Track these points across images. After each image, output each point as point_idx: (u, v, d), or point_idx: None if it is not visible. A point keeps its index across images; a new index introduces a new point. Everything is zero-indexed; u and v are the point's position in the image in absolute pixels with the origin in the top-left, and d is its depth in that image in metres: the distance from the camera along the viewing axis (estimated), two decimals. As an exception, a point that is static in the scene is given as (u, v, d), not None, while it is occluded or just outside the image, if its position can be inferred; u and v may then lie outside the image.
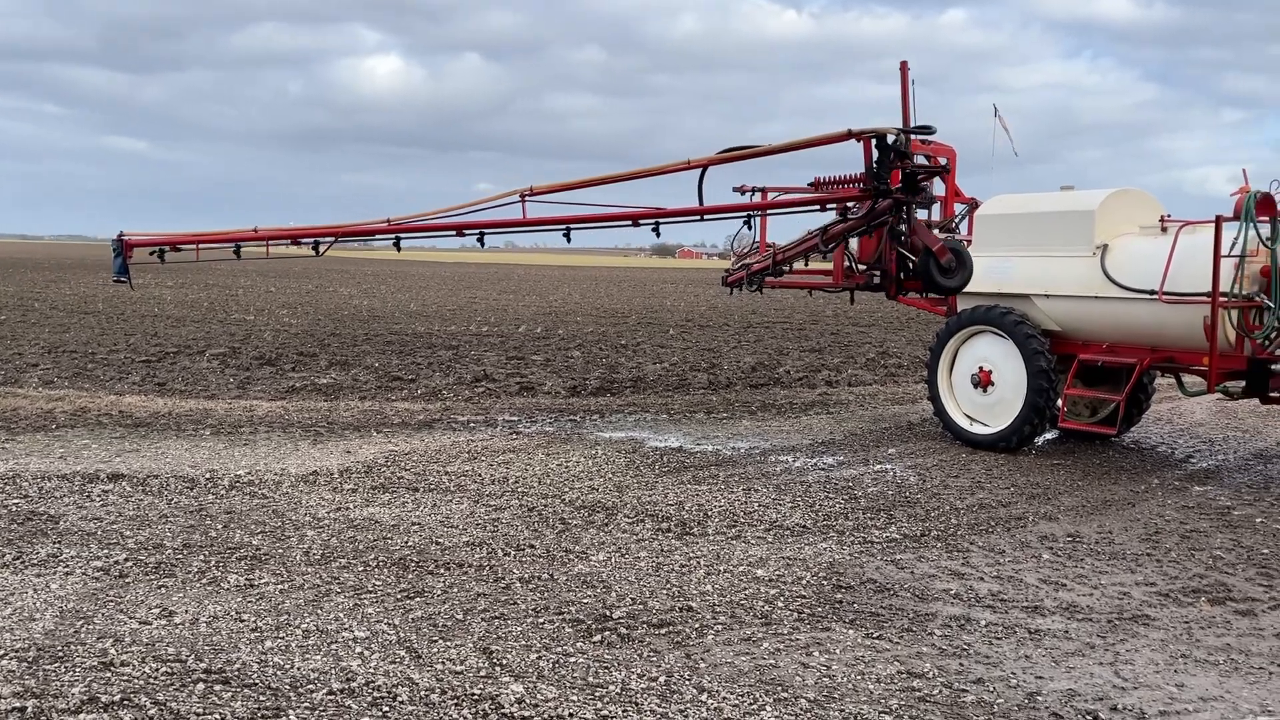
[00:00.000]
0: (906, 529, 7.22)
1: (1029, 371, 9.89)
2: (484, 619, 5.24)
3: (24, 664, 4.52)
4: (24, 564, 5.92)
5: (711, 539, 6.85)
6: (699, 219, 10.12)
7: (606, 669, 4.66)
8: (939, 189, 12.26)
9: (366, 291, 37.53)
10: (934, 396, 10.83)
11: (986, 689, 4.56)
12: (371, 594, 5.58)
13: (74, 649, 4.70)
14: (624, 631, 5.11)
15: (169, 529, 6.74)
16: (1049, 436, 10.97)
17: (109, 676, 4.42)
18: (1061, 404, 10.14)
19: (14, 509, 7.10)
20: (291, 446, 9.67)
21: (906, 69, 8.08)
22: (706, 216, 10.05)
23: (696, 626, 5.20)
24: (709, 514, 7.49)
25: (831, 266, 12.37)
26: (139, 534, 6.59)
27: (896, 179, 9.73)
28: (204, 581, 5.72)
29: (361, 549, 6.40)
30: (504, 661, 4.71)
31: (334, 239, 10.45)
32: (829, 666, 4.76)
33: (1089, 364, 10.04)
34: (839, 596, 5.74)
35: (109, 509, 7.20)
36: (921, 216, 10.52)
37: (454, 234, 10.31)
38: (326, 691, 4.33)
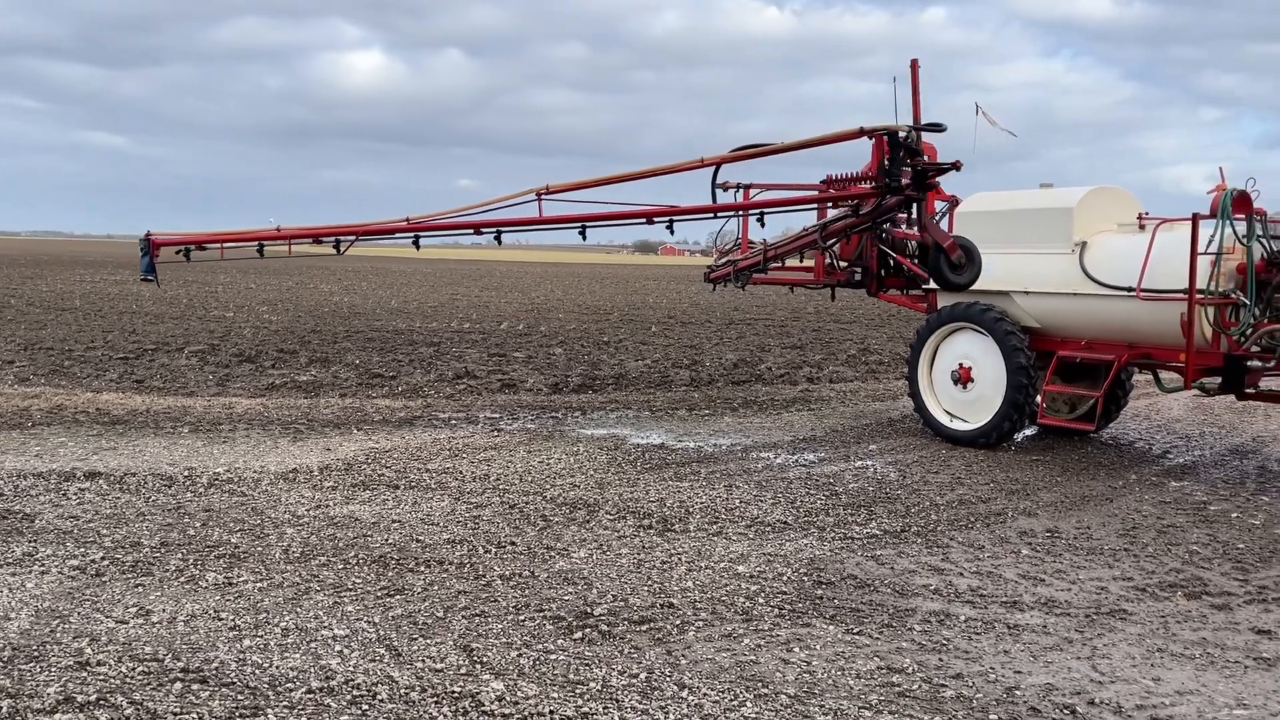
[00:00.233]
0: (887, 525, 7.25)
1: (1008, 368, 9.94)
2: (464, 617, 5.23)
3: (-2, 664, 4.47)
4: (-1, 563, 5.86)
5: (693, 535, 6.86)
6: (712, 216, 10.26)
7: (587, 666, 4.65)
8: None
9: (347, 288, 37.34)
10: (914, 393, 10.88)
11: (965, 684, 4.58)
12: (351, 592, 5.56)
13: (49, 648, 4.65)
14: (605, 629, 5.11)
15: (146, 527, 6.69)
16: (1028, 433, 11.04)
17: (85, 676, 4.38)
18: (1041, 400, 10.21)
19: (-11, 508, 7.03)
20: (271, 444, 9.61)
21: (917, 67, 8.13)
22: (720, 214, 10.18)
23: (677, 623, 5.21)
24: (690, 510, 7.50)
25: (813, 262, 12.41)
26: (116, 532, 6.54)
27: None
28: (182, 580, 5.68)
29: (341, 547, 6.37)
30: (484, 659, 4.70)
31: (355, 238, 10.56)
32: (809, 662, 4.77)
33: (1068, 360, 10.10)
34: (819, 592, 5.76)
35: (85, 507, 7.14)
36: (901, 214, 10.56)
37: (471, 232, 10.41)
38: (305, 690, 4.31)
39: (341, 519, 7.03)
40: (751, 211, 10.69)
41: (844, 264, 12.30)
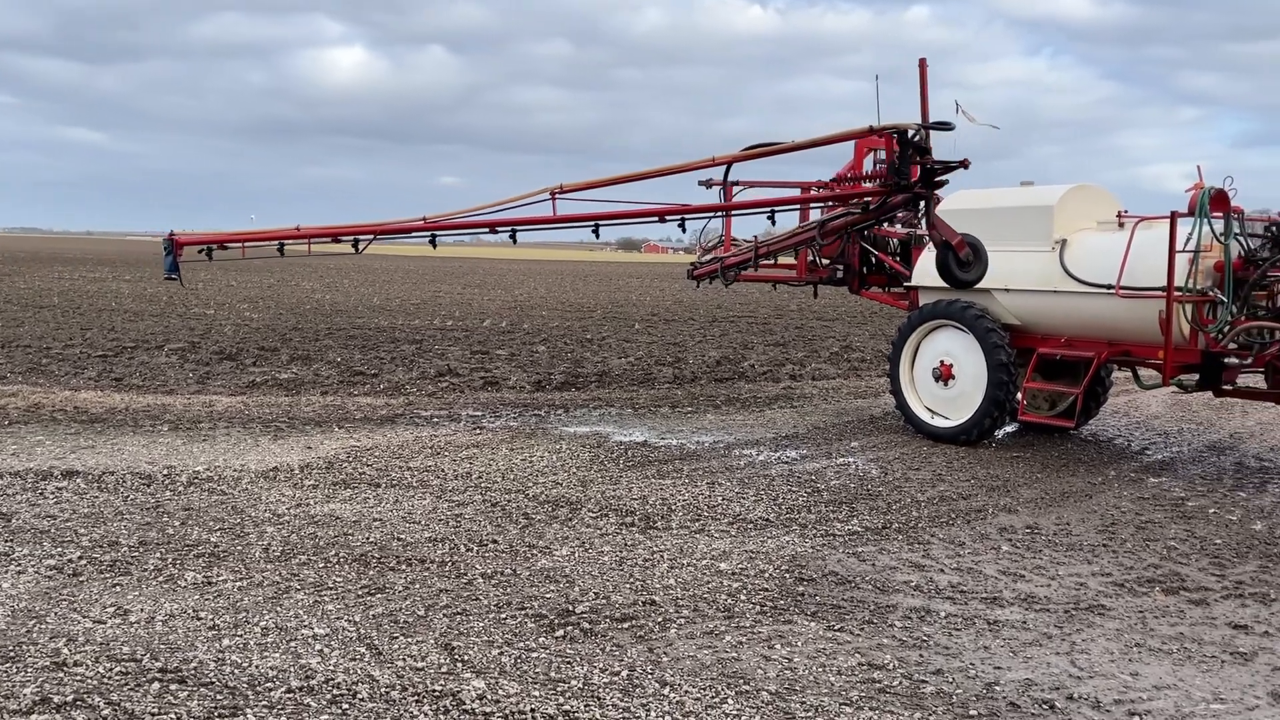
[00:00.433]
0: (868, 521, 7.28)
1: (989, 365, 9.99)
2: (445, 615, 5.21)
3: (-27, 665, 4.43)
4: (-26, 563, 5.80)
5: (675, 533, 6.86)
6: (724, 215, 10.37)
7: (569, 664, 4.65)
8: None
9: (329, 286, 37.16)
10: (896, 390, 10.92)
11: (945, 680, 4.61)
12: (332, 591, 5.53)
13: (26, 649, 4.61)
14: (587, 626, 5.10)
15: (125, 526, 6.63)
16: (1009, 429, 11.10)
17: (62, 676, 4.35)
18: (1021, 397, 10.27)
19: (-36, 507, 6.96)
20: (251, 442, 9.56)
21: (925, 66, 8.16)
22: (732, 212, 10.28)
23: (659, 620, 5.21)
24: (673, 508, 7.50)
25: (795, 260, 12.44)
26: (94, 532, 6.49)
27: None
28: (160, 579, 5.64)
29: (322, 545, 6.34)
30: (465, 658, 4.69)
31: (373, 236, 10.71)
32: (791, 659, 4.78)
33: (1048, 358, 10.16)
34: (801, 589, 5.77)
35: (63, 506, 7.08)
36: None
37: (487, 231, 10.53)
38: (285, 689, 4.29)
39: (322, 517, 7.00)
40: (774, 209, 10.70)
41: (826, 261, 12.35)
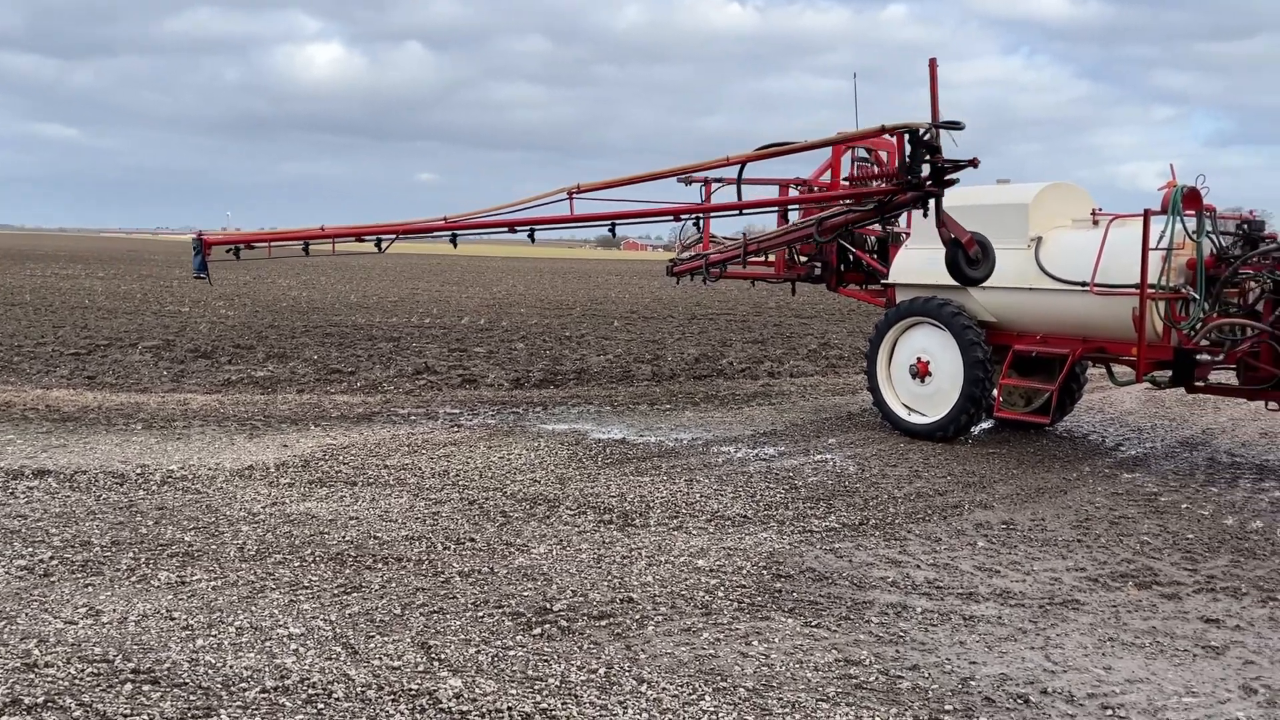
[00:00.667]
0: (845, 518, 7.31)
1: (965, 362, 10.05)
2: (422, 614, 5.19)
3: (-58, 667, 4.37)
4: (-57, 564, 5.73)
5: (653, 530, 6.86)
6: (739, 214, 10.53)
7: (546, 662, 4.64)
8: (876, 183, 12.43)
9: (306, 283, 36.92)
10: (873, 387, 10.96)
11: (921, 675, 4.63)
12: (307, 590, 5.50)
13: (-5, 651, 4.56)
14: (564, 624, 5.10)
15: (97, 526, 6.57)
16: (985, 426, 11.17)
17: (32, 678, 4.29)
18: (997, 394, 10.33)
19: (-67, 507, 6.87)
20: (226, 440, 9.48)
21: (935, 66, 8.20)
22: (745, 211, 10.43)
23: (637, 618, 5.21)
24: (651, 505, 7.50)
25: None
26: (65, 531, 6.41)
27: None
28: (133, 579, 5.58)
29: (298, 544, 6.30)
30: (442, 656, 4.67)
31: (395, 236, 10.89)
32: (768, 655, 4.79)
33: (1023, 354, 10.23)
34: (778, 586, 5.79)
35: (34, 506, 7.00)
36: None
37: (506, 230, 10.66)
38: (260, 690, 4.26)
39: (298, 516, 6.95)
40: (789, 208, 10.73)
41: (804, 259, 12.38)
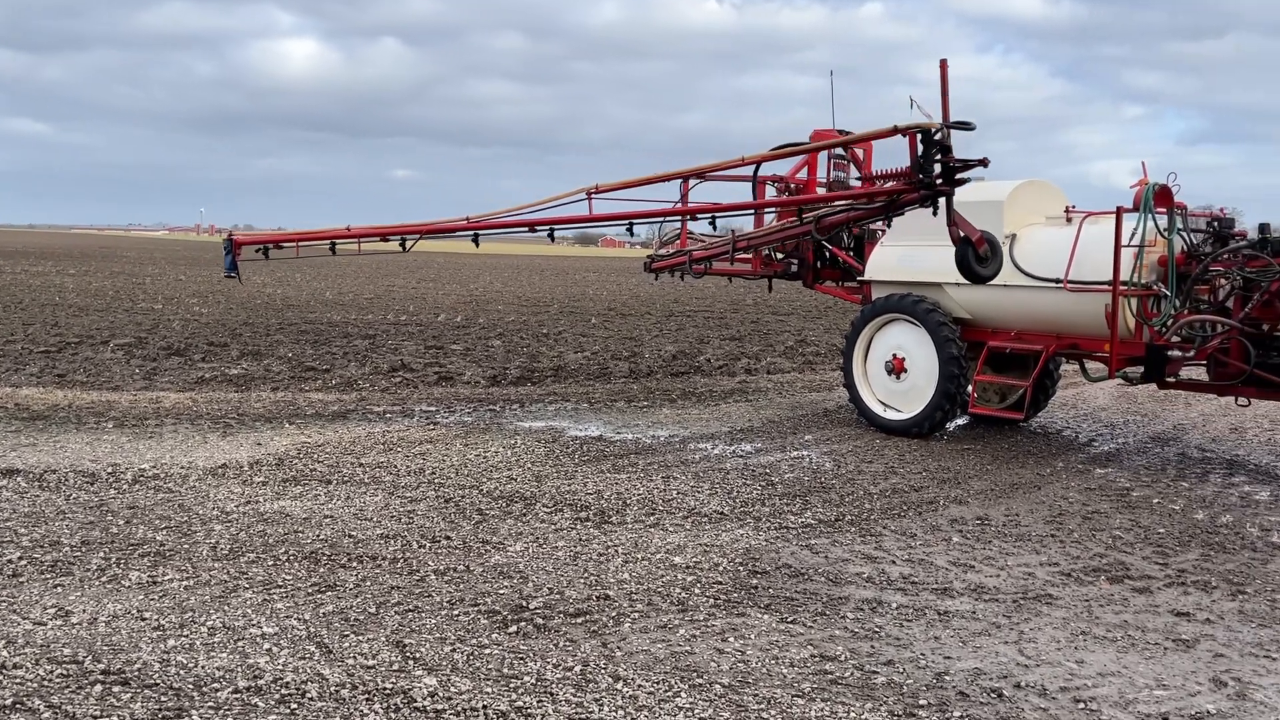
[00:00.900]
0: (821, 514, 7.33)
1: (940, 358, 10.10)
2: (397, 612, 5.16)
3: (-94, 670, 4.30)
4: (-92, 565, 5.64)
5: (630, 527, 6.86)
6: (754, 213, 10.62)
7: (522, 660, 4.62)
8: (856, 179, 12.47)
9: (281, 280, 36.62)
10: (849, 384, 11.00)
11: (896, 670, 4.65)
12: (281, 589, 5.45)
13: (-38, 653, 4.49)
14: (540, 622, 5.08)
15: (67, 526, 6.49)
16: (960, 422, 11.23)
17: (1, 680, 4.23)
18: (972, 390, 10.39)
19: (-102, 507, 6.76)
20: (200, 439, 9.40)
21: (946, 67, 8.24)
22: (761, 210, 10.53)
23: (613, 615, 5.20)
24: (628, 502, 7.50)
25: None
26: (34, 531, 6.33)
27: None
28: (104, 579, 5.52)
29: (271, 543, 6.25)
30: (417, 655, 4.64)
31: (420, 236, 11.10)
32: (744, 652, 4.80)
33: (998, 351, 10.30)
34: (754, 582, 5.80)
35: (2, 506, 6.90)
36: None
37: (527, 230, 10.89)
38: (232, 690, 4.22)
39: (272, 515, 6.90)
40: (803, 207, 10.73)
41: (781, 256, 12.41)
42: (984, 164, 8.57)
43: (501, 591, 5.50)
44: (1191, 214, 9.46)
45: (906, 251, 10.69)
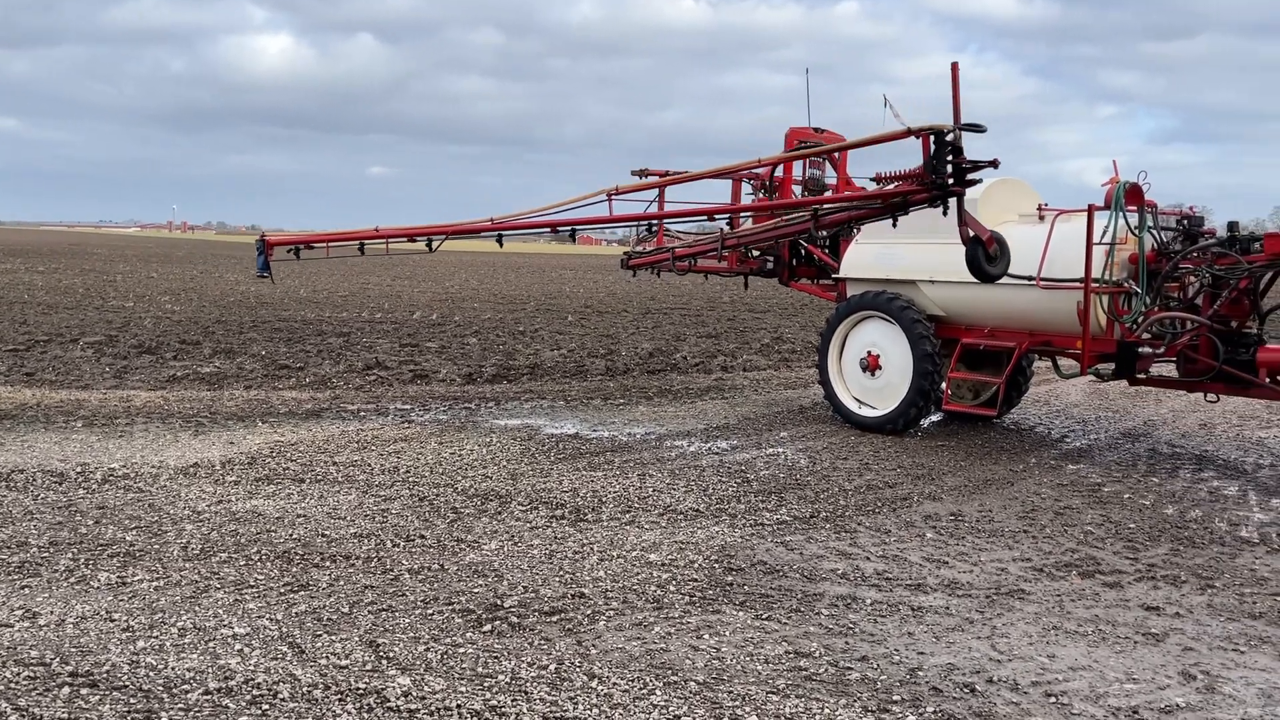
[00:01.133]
0: (797, 511, 7.35)
1: (914, 356, 10.16)
2: (371, 612, 5.13)
3: None
4: None
5: (605, 525, 6.85)
6: (769, 214, 10.72)
7: (496, 659, 4.61)
8: (830, 177, 12.52)
9: (254, 277, 36.33)
10: (824, 381, 11.04)
11: (870, 666, 4.67)
12: (253, 589, 5.41)
13: (-74, 656, 4.42)
14: (515, 620, 5.07)
15: (34, 526, 6.40)
16: (934, 419, 11.30)
17: (-36, 684, 4.18)
18: (946, 387, 10.45)
19: None
20: (171, 438, 9.30)
21: (957, 70, 8.29)
22: (777, 212, 10.72)
23: (588, 613, 5.19)
24: (603, 500, 7.49)
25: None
26: (1, 532, 6.24)
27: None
28: (72, 580, 5.45)
29: (243, 543, 6.20)
30: (391, 654, 4.61)
31: (445, 236, 11.29)
32: (719, 649, 4.80)
33: (971, 348, 10.36)
34: (730, 579, 5.80)
35: (-32, 506, 6.81)
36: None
37: (548, 231, 11.16)
38: (202, 691, 4.18)
39: (244, 514, 6.84)
40: (817, 208, 10.77)
41: (756, 253, 12.43)
42: (994, 165, 8.65)
43: (476, 590, 5.48)
44: (1162, 212, 9.56)
45: (881, 249, 10.74)
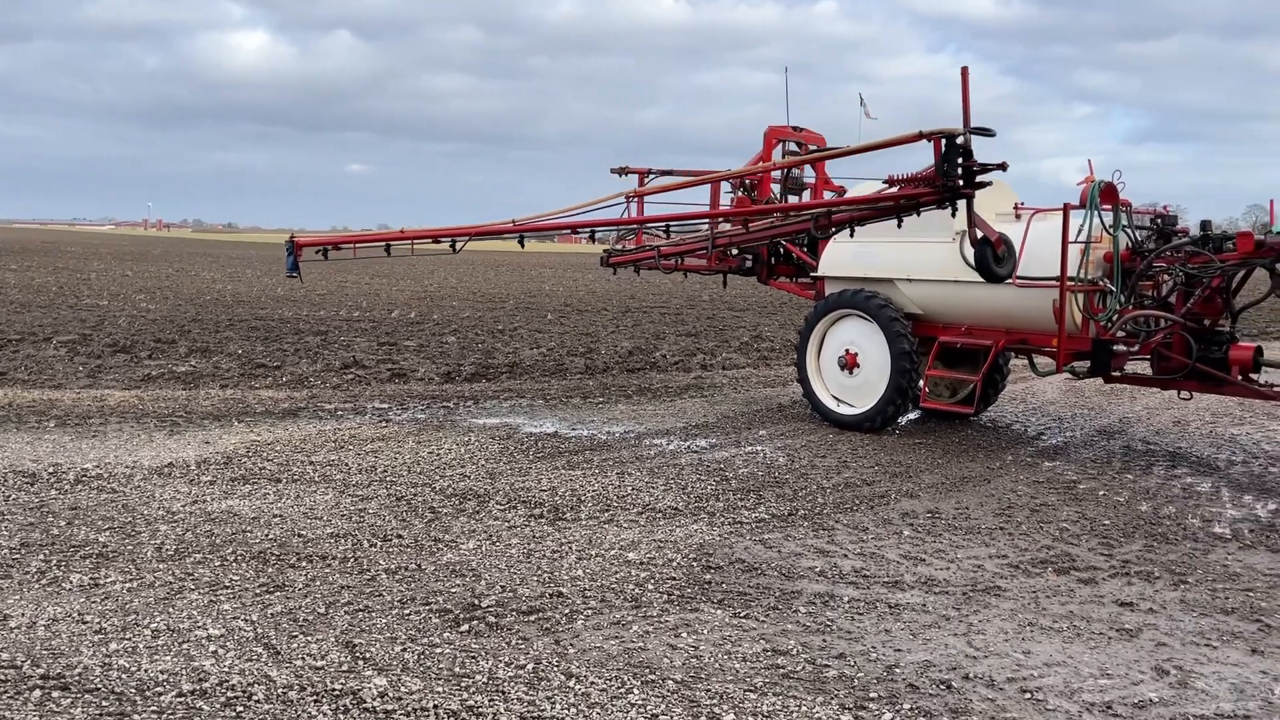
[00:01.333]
0: (775, 509, 7.36)
1: (892, 354, 10.20)
2: (347, 612, 5.10)
3: None
4: None
5: (584, 524, 6.84)
6: (782, 216, 10.88)
7: (473, 659, 4.59)
8: (809, 176, 12.55)
9: (231, 276, 36.06)
10: (803, 379, 11.07)
11: (848, 663, 4.68)
12: (228, 590, 5.37)
13: (-107, 660, 4.36)
14: (492, 620, 5.05)
15: (5, 528, 6.32)
16: (911, 416, 11.35)
17: (-67, 688, 4.12)
18: (923, 385, 10.50)
19: None
20: (145, 438, 9.21)
21: (967, 74, 8.33)
22: (790, 214, 10.78)
23: (566, 612, 5.18)
24: (582, 499, 7.48)
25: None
26: (-29, 534, 6.17)
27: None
28: (43, 582, 5.39)
29: (218, 543, 6.15)
30: (367, 655, 4.59)
31: (469, 237, 11.55)
32: (697, 647, 4.81)
33: (949, 346, 10.41)
34: (708, 577, 5.81)
35: (-62, 508, 6.72)
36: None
37: (570, 232, 11.35)
38: (176, 693, 4.14)
39: (219, 514, 6.78)
40: (830, 210, 10.79)
41: (735, 251, 12.44)
42: (1003, 168, 8.71)
43: (453, 590, 5.46)
44: (1136, 211, 9.64)
45: (860, 248, 10.77)
